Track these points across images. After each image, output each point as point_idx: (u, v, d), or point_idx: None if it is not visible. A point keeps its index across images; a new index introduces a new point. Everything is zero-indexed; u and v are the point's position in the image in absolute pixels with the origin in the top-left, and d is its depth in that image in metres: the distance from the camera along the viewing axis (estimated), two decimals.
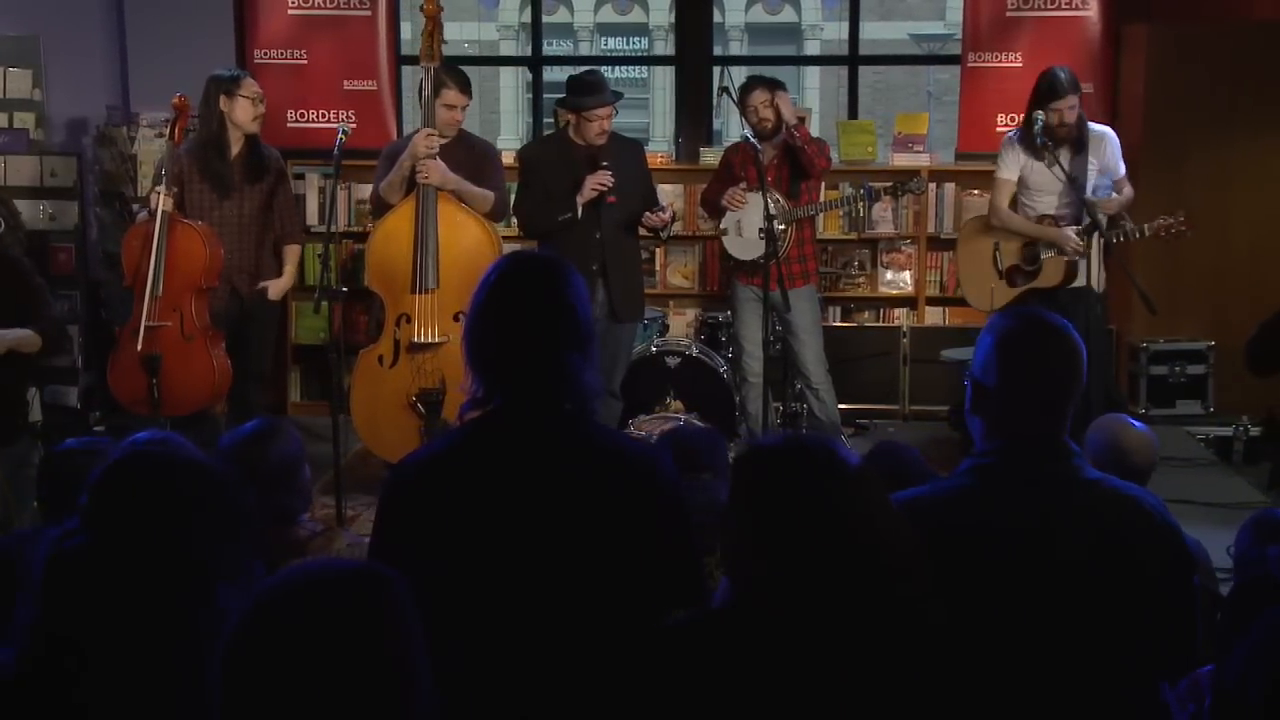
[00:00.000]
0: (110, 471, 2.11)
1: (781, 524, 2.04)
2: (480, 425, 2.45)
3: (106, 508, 2.03)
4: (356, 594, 1.59)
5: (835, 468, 2.09)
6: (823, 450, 2.12)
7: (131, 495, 2.04)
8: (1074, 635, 2.29)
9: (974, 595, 2.23)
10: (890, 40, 18.82)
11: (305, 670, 1.52)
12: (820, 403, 6.42)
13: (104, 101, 8.06)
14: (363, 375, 5.59)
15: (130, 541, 1.96)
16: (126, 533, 1.99)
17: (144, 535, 1.96)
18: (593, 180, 5.87)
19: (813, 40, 21.56)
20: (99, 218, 7.93)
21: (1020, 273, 6.10)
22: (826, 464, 2.09)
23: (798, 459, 2.10)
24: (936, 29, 20.66)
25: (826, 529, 2.02)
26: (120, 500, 2.04)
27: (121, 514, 2.02)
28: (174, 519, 2.00)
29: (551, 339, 2.42)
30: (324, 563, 1.69)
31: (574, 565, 2.34)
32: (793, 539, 2.02)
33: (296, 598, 1.57)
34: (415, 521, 2.39)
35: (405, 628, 1.60)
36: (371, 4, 8.15)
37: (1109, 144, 6.00)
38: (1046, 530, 2.31)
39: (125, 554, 1.94)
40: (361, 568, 1.67)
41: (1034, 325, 2.40)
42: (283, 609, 1.57)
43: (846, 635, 1.99)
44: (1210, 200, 7.14)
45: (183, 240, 5.75)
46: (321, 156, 8.04)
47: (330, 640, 1.54)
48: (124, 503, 2.03)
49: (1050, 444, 2.38)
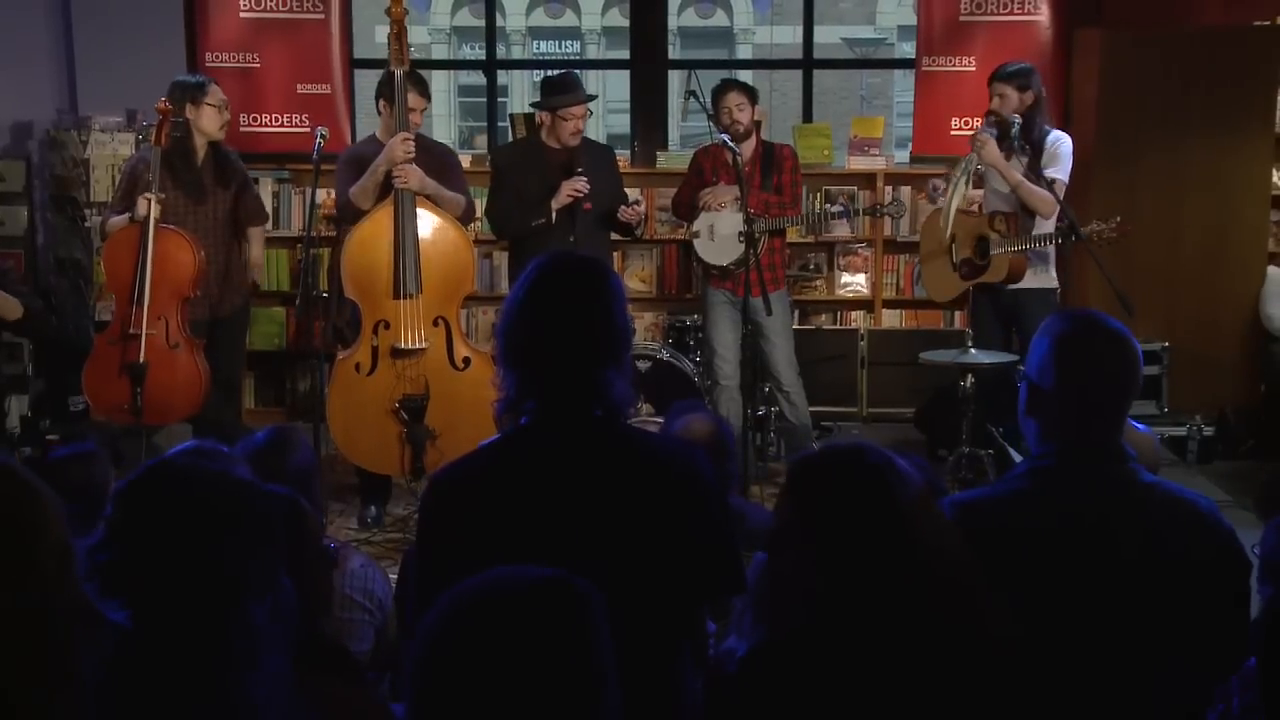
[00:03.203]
0: (135, 485, 2.06)
1: (846, 537, 2.03)
2: (518, 433, 2.45)
3: (132, 522, 1.98)
4: (556, 603, 1.57)
5: (898, 478, 2.09)
6: (883, 460, 2.11)
7: (158, 509, 1.99)
8: (1130, 637, 2.31)
9: (1031, 598, 2.24)
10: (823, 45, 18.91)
11: (503, 683, 1.50)
12: (791, 405, 6.46)
13: (49, 105, 7.91)
14: (340, 383, 5.52)
15: (159, 557, 1.92)
16: (155, 548, 1.94)
17: (172, 550, 1.92)
18: (568, 186, 5.87)
19: (744, 44, 21.67)
20: (49, 223, 7.78)
21: (972, 266, 6.18)
22: (889, 474, 2.09)
23: (860, 469, 2.09)
24: (867, 33, 20.86)
25: (891, 542, 2.02)
26: (146, 515, 1.99)
27: (148, 529, 1.97)
28: (203, 534, 1.96)
29: (588, 346, 2.41)
30: (517, 572, 1.66)
31: (619, 567, 2.34)
32: (858, 553, 2.01)
33: (496, 608, 1.55)
34: (458, 528, 2.38)
35: (601, 639, 1.58)
36: (324, 7, 8.08)
37: (1059, 145, 6.08)
38: (1104, 533, 2.34)
39: (154, 570, 1.90)
40: (557, 577, 1.64)
41: (1092, 328, 2.42)
42: (482, 619, 1.54)
43: (910, 653, 1.98)
44: (1163, 202, 7.26)
45: (172, 248, 5.69)
46: (274, 160, 7.98)
47: (531, 651, 1.52)
48: (150, 517, 1.98)
49: (1107, 447, 2.40)
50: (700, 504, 2.40)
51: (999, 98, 6.07)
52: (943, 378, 6.64)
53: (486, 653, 1.54)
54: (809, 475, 2.11)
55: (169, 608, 1.87)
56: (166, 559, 1.91)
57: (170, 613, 1.87)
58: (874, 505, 2.02)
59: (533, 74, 21.34)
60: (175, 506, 1.97)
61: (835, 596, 1.99)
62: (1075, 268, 6.89)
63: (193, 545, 1.93)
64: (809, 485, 2.10)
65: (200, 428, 5.89)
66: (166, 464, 2.09)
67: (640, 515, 2.36)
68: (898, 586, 1.97)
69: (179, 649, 1.86)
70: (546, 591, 1.61)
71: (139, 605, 1.87)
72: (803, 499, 2.09)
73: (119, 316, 5.71)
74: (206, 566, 1.91)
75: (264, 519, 2.03)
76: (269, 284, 7.84)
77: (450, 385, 5.48)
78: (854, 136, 8.25)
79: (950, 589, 2.01)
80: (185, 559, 1.91)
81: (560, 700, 1.53)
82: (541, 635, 1.56)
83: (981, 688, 2.02)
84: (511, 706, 1.52)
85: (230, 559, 1.93)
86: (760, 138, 6.49)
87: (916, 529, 2.01)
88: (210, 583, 1.90)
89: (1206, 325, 7.27)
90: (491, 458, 2.47)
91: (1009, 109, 6.03)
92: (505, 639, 1.55)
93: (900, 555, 1.99)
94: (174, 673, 1.84)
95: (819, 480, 2.09)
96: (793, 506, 2.10)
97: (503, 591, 1.61)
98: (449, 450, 5.44)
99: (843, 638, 1.98)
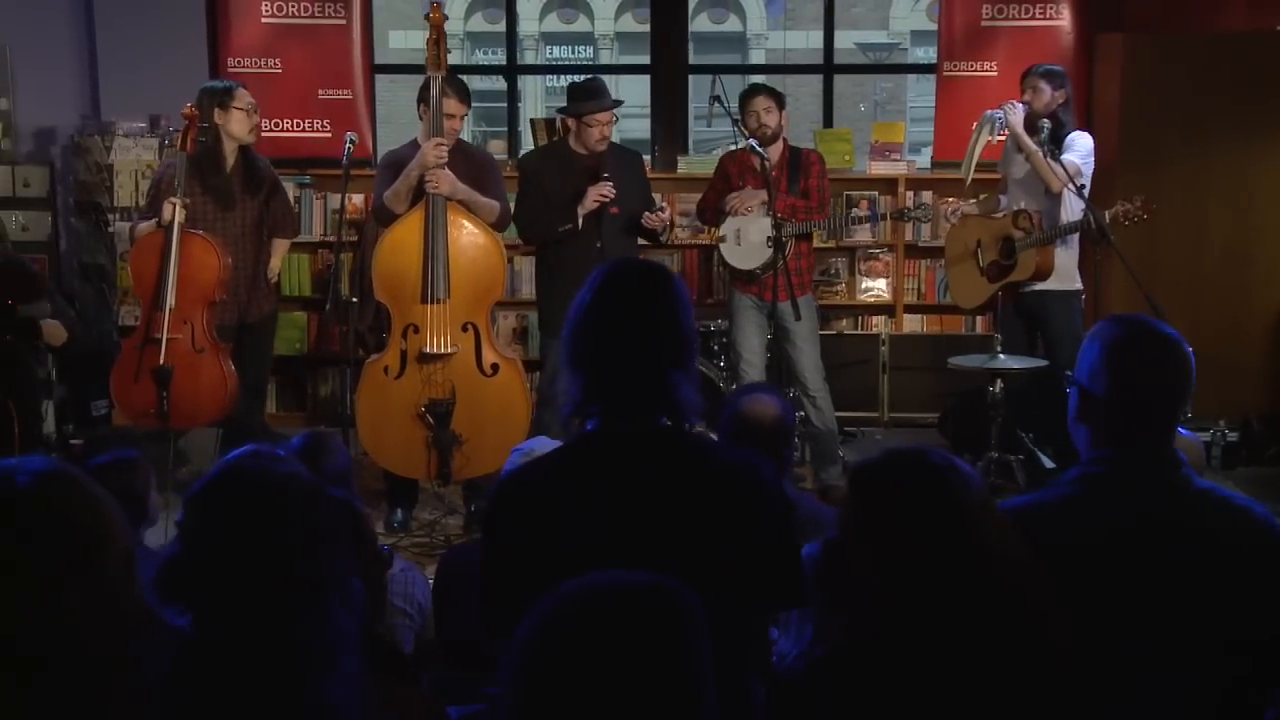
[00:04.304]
0: (211, 489, 2.07)
1: (911, 541, 2.02)
2: (584, 438, 2.45)
3: (210, 526, 1.99)
4: (661, 609, 1.57)
5: (962, 481, 2.09)
6: (947, 464, 2.11)
7: (236, 512, 2.00)
8: (1185, 644, 2.30)
9: (1084, 606, 2.23)
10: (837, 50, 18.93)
11: (607, 687, 1.50)
12: (818, 410, 6.45)
13: (72, 111, 7.94)
14: (368, 386, 5.53)
15: (238, 560, 1.92)
16: (234, 551, 1.95)
17: (252, 553, 1.93)
18: (595, 192, 5.88)
19: (757, 50, 21.67)
20: (74, 228, 7.80)
21: (999, 267, 6.20)
22: (953, 476, 2.08)
23: (925, 472, 2.09)
24: (880, 38, 20.84)
25: (957, 545, 2.01)
26: (224, 518, 2.00)
27: (227, 532, 1.98)
28: (281, 535, 1.96)
29: (654, 351, 2.41)
30: (620, 576, 1.66)
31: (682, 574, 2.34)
32: (924, 556, 2.00)
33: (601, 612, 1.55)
34: (523, 532, 2.38)
35: (703, 645, 1.58)
36: (346, 13, 8.10)
37: (1076, 137, 6.12)
38: (1158, 540, 2.32)
39: (233, 573, 1.91)
40: (661, 582, 1.64)
41: (1143, 332, 2.41)
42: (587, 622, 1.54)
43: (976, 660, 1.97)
44: (1186, 207, 7.25)
45: (197, 252, 5.71)
46: (296, 166, 7.99)
47: (636, 656, 1.52)
48: (228, 520, 1.99)
49: (1159, 453, 2.38)
50: (765, 513, 2.39)
51: (1032, 90, 6.16)
52: (966, 382, 6.63)
53: (591, 656, 1.53)
54: (872, 478, 2.10)
55: (248, 611, 1.88)
56: (246, 562, 1.92)
57: (250, 615, 1.88)
58: (939, 508, 2.01)
59: (545, 79, 21.36)
60: (253, 509, 1.98)
61: (900, 602, 1.98)
62: (1103, 272, 6.87)
63: (272, 547, 1.94)
64: (873, 488, 2.09)
65: (228, 432, 5.91)
66: (240, 467, 2.09)
67: (705, 523, 2.35)
68: (963, 590, 1.97)
69: (259, 652, 1.86)
70: (651, 596, 1.60)
71: (217, 608, 1.87)
72: (866, 502, 2.08)
73: (144, 321, 5.73)
74: (285, 568, 1.92)
75: (335, 520, 2.04)
76: (290, 289, 7.85)
77: (477, 391, 5.49)
78: (875, 142, 8.26)
79: (1015, 593, 2.00)
80: (264, 561, 1.92)
81: (663, 705, 1.53)
82: (647, 640, 1.55)
83: (1043, 696, 2.02)
84: (615, 711, 1.51)
85: (308, 560, 1.94)
86: (787, 142, 6.49)
87: (981, 532, 2.01)
88: (289, 584, 1.91)
89: (1231, 330, 7.25)
90: (558, 463, 2.48)
91: (1041, 103, 6.10)
92: (611, 643, 1.54)
93: (966, 559, 1.98)
94: (255, 675, 1.85)
95: (883, 483, 2.08)
96: (856, 510, 2.09)
97: (608, 595, 1.60)
98: (475, 455, 5.47)
99: (909, 645, 1.97)
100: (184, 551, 2.01)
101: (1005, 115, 6.08)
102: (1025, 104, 6.16)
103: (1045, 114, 6.10)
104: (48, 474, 1.68)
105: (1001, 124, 6.13)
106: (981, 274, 6.30)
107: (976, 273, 6.33)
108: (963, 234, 6.51)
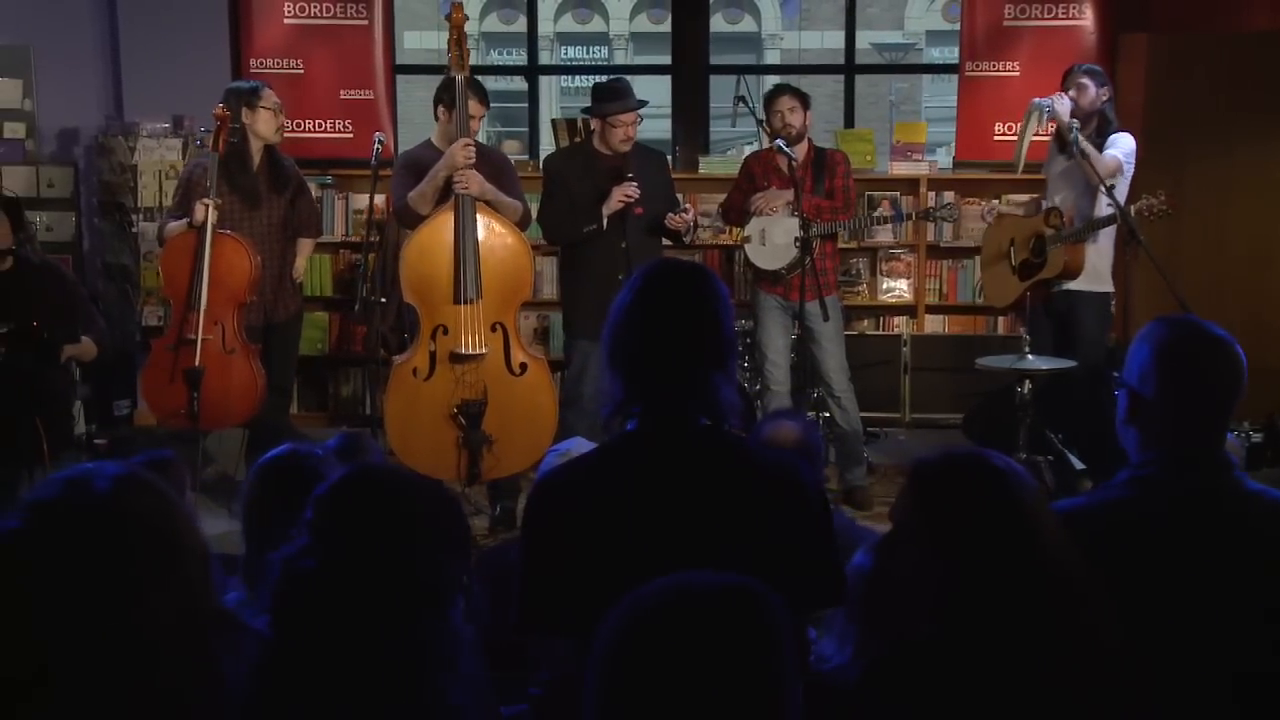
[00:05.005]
0: (340, 491, 2.07)
1: (972, 543, 2.02)
2: (624, 438, 2.45)
3: (340, 528, 1.99)
4: (749, 610, 1.57)
5: (1020, 482, 2.09)
6: (1005, 464, 2.11)
7: (367, 514, 2.00)
8: (1237, 647, 2.29)
9: (1135, 608, 2.23)
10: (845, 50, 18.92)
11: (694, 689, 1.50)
12: (843, 411, 6.44)
13: (95, 111, 7.97)
14: (397, 388, 5.53)
15: (365, 562, 1.92)
16: (361, 553, 1.94)
17: (378, 555, 1.92)
18: (619, 192, 5.88)
19: (772, 50, 21.64)
20: (97, 229, 7.82)
21: (1029, 266, 6.20)
22: (1013, 478, 2.08)
23: (986, 473, 2.09)
24: (895, 38, 20.80)
25: (1017, 546, 2.01)
26: (352, 520, 1.99)
27: (357, 534, 1.98)
28: (411, 537, 1.96)
29: (695, 352, 2.42)
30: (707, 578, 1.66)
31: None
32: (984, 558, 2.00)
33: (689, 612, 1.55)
34: (563, 532, 2.38)
35: (789, 647, 1.58)
36: (368, 13, 8.11)
37: (1119, 137, 6.12)
38: (1207, 543, 2.31)
39: (359, 575, 1.90)
40: (749, 584, 1.64)
41: (1194, 334, 2.40)
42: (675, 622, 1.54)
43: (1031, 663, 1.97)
44: (1209, 210, 7.24)
45: (228, 253, 5.73)
46: (318, 166, 8.00)
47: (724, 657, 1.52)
48: (356, 522, 1.99)
49: (1210, 456, 2.38)
50: (805, 514, 2.40)
51: (1077, 88, 6.13)
52: (989, 383, 6.62)
53: (680, 656, 1.53)
54: (932, 480, 2.10)
55: (373, 612, 1.88)
56: (372, 562, 1.91)
57: (373, 617, 1.88)
58: (1002, 509, 2.01)
59: (560, 79, 21.35)
60: (385, 511, 1.98)
61: (961, 604, 1.98)
62: (1130, 272, 6.86)
63: (399, 548, 1.93)
64: (932, 491, 2.09)
65: (255, 433, 5.92)
66: (370, 469, 2.10)
67: (744, 524, 2.35)
68: (1022, 592, 1.97)
69: (380, 653, 1.86)
70: (739, 598, 1.61)
71: (339, 609, 1.87)
72: (926, 504, 2.08)
73: (176, 321, 5.75)
74: (409, 569, 1.92)
75: (457, 521, 2.05)
76: (312, 289, 7.87)
77: (508, 391, 5.49)
78: (897, 142, 8.25)
79: (1071, 595, 2.00)
80: (392, 563, 1.92)
81: (749, 708, 1.53)
82: (736, 641, 1.55)
83: (1096, 698, 2.02)
84: (701, 712, 1.51)
85: (431, 562, 1.94)
86: (812, 142, 6.49)
87: (1041, 534, 2.01)
88: (413, 586, 1.91)
89: (1254, 331, 7.13)
90: (598, 462, 2.48)
91: (1086, 100, 6.10)
92: (700, 643, 1.54)
93: (1026, 560, 1.98)
94: (374, 676, 1.85)
95: (943, 485, 2.09)
96: (915, 512, 2.09)
97: (695, 596, 1.60)
98: (504, 456, 5.47)
99: (969, 647, 1.97)
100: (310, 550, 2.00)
101: (1053, 104, 6.06)
102: (1071, 99, 6.14)
103: (1090, 110, 6.10)
104: (124, 479, 1.68)
105: (1049, 113, 6.10)
106: (1014, 273, 6.31)
107: (1009, 272, 6.33)
108: (998, 234, 6.51)
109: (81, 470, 1.69)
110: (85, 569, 1.59)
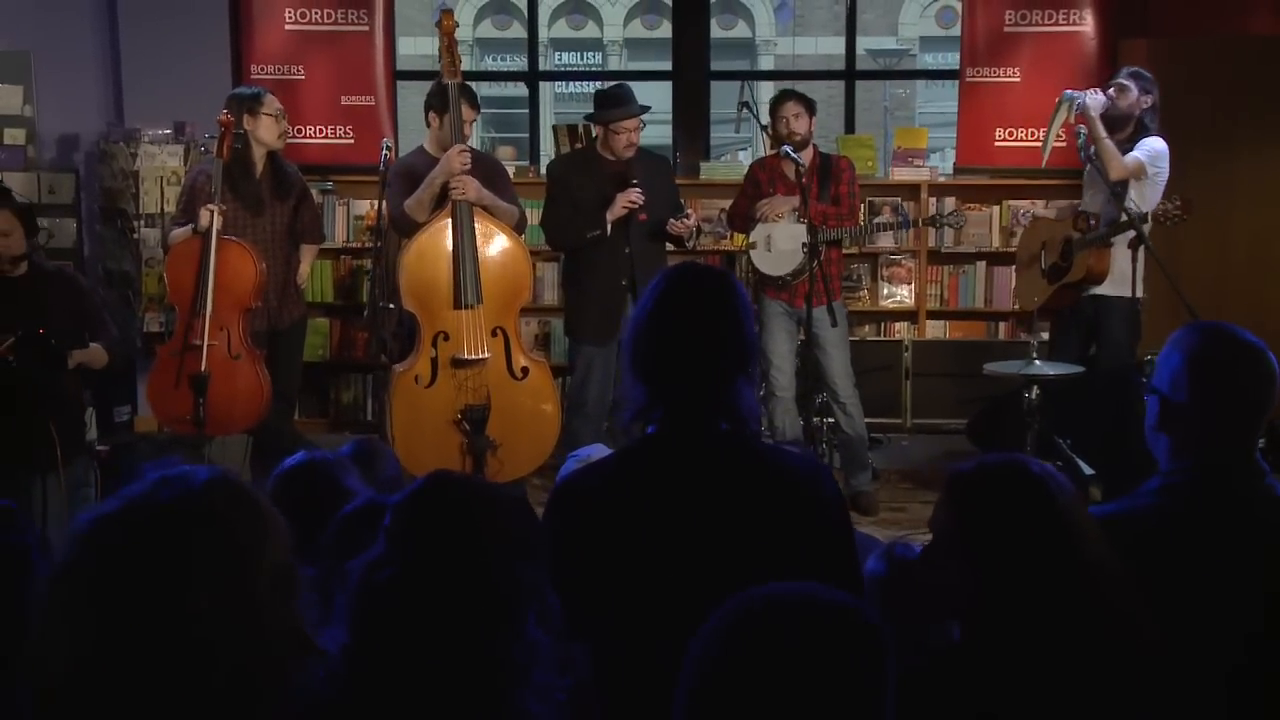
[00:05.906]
0: (420, 499, 2.05)
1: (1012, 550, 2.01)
2: (644, 443, 2.45)
3: (422, 537, 1.98)
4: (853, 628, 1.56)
5: (1060, 489, 2.08)
6: (1044, 471, 2.10)
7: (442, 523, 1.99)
8: (1270, 654, 2.29)
9: (1167, 615, 2.23)
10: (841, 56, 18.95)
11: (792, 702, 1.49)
12: (848, 417, 6.44)
13: (97, 118, 7.93)
14: (401, 395, 5.52)
15: (443, 571, 1.90)
16: (440, 563, 1.92)
17: (457, 564, 1.90)
18: (623, 198, 5.88)
19: (766, 55, 21.63)
20: (98, 235, 7.79)
21: (1057, 269, 6.21)
22: (1053, 485, 2.07)
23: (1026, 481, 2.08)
24: (889, 44, 20.81)
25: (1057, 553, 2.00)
26: (431, 528, 1.97)
27: (434, 543, 1.95)
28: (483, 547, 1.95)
29: (716, 357, 2.41)
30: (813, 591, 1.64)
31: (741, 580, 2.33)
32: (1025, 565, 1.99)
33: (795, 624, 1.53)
34: (581, 536, 2.38)
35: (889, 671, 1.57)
36: (369, 19, 8.09)
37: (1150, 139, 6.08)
38: (1241, 550, 2.31)
39: (438, 584, 1.88)
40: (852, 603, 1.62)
41: (1225, 341, 2.40)
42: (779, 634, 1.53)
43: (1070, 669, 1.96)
44: (1211, 212, 7.22)
45: (234, 258, 5.71)
46: (319, 172, 7.98)
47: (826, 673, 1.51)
48: (435, 531, 1.97)
49: (1243, 463, 2.38)
50: (825, 520, 2.40)
51: (1117, 88, 6.08)
52: (991, 388, 6.62)
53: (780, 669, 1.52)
54: (971, 488, 2.09)
55: (454, 619, 1.86)
56: (455, 570, 1.90)
57: (454, 624, 1.86)
58: (1043, 517, 2.01)
59: (554, 85, 21.34)
60: (466, 517, 1.96)
61: (1000, 611, 1.97)
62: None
63: (477, 557, 1.92)
64: (972, 498, 2.08)
65: (261, 439, 5.90)
66: (448, 476, 2.07)
67: (765, 529, 2.35)
68: (1063, 599, 1.96)
69: (460, 662, 1.84)
70: (844, 616, 1.59)
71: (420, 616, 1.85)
72: (965, 512, 2.07)
73: (181, 327, 5.73)
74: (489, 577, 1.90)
75: (535, 534, 2.03)
76: (313, 295, 7.84)
77: (510, 395, 5.49)
78: (898, 148, 8.25)
79: (1113, 600, 2.00)
80: (472, 570, 1.90)
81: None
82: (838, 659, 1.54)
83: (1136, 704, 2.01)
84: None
85: (507, 572, 1.92)
86: (817, 148, 6.49)
87: (1082, 541, 2.00)
88: (492, 594, 1.89)
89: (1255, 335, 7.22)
90: (617, 467, 2.48)
91: (1126, 101, 6.05)
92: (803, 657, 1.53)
93: (1067, 568, 1.97)
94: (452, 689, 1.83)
95: (983, 493, 2.08)
96: (954, 519, 2.08)
97: (800, 609, 1.58)
98: (509, 460, 5.47)
99: (1007, 653, 1.96)
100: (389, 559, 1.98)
101: (1084, 99, 6.01)
102: (1109, 98, 6.09)
103: (1129, 113, 6.04)
104: (215, 483, 1.67)
105: (1080, 106, 6.06)
106: (1043, 275, 6.32)
107: (1039, 275, 6.35)
108: (1032, 237, 6.53)
109: (181, 472, 1.67)
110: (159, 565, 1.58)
